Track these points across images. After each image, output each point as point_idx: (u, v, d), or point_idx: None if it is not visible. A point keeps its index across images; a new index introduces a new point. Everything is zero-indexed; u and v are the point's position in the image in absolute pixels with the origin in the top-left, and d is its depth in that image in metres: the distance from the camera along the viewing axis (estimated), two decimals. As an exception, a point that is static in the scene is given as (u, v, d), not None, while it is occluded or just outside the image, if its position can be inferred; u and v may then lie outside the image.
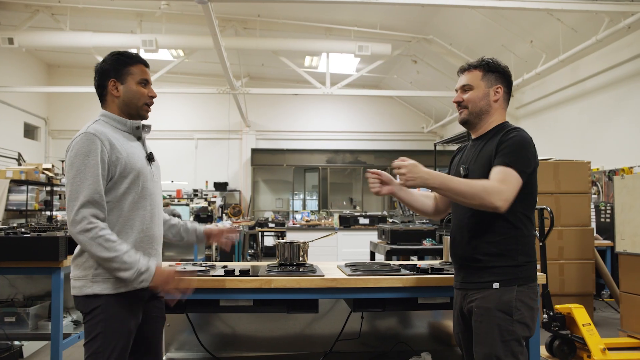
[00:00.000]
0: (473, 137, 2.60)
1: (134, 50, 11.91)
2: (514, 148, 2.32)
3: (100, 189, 2.24)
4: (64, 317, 4.25)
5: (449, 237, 3.56)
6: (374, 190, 2.59)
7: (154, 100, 2.52)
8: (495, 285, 2.33)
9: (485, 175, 2.36)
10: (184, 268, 3.04)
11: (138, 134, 2.47)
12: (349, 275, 2.99)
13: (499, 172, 2.29)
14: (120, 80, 2.42)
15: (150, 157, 2.48)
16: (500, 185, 2.24)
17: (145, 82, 2.47)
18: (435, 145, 9.66)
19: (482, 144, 2.49)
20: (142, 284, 2.25)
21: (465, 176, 2.49)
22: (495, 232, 2.36)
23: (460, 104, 2.54)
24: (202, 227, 2.85)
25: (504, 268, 2.34)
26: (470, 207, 2.32)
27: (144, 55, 11.32)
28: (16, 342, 4.66)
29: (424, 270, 3.14)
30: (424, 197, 2.78)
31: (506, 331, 2.28)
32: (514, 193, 2.26)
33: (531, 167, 2.35)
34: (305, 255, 3.28)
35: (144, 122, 2.51)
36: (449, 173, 2.63)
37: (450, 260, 3.50)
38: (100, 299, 2.26)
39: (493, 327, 2.29)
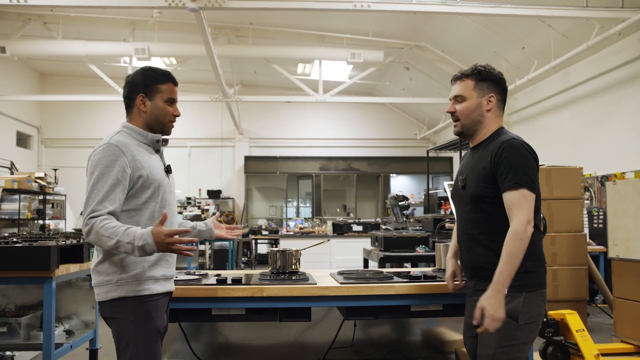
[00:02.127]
0: (470, 145, 2.62)
1: (126, 59, 11.96)
2: (514, 165, 2.33)
3: (115, 198, 2.28)
4: (55, 326, 4.23)
5: (442, 244, 3.59)
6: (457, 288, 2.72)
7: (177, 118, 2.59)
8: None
9: (480, 186, 2.40)
10: (176, 277, 3.04)
11: (157, 147, 2.54)
12: (342, 283, 2.99)
13: (511, 201, 2.31)
14: (149, 97, 2.48)
15: (168, 169, 2.56)
16: (520, 218, 2.27)
17: (172, 101, 2.55)
18: (428, 152, 9.68)
19: (478, 153, 2.50)
20: (152, 252, 2.22)
21: (463, 187, 2.50)
22: (499, 241, 2.35)
23: (453, 115, 2.56)
24: (210, 220, 2.94)
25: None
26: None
27: (136, 63, 11.36)
28: (8, 353, 4.62)
29: (416, 278, 3.14)
30: None
31: (510, 335, 2.30)
32: (531, 211, 2.30)
33: (536, 175, 2.37)
34: (297, 263, 3.27)
35: (163, 136, 2.58)
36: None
37: (442, 267, 3.52)
38: (127, 302, 2.30)
39: (497, 331, 2.29)
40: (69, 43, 10.95)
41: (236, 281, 3.00)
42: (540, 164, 6.62)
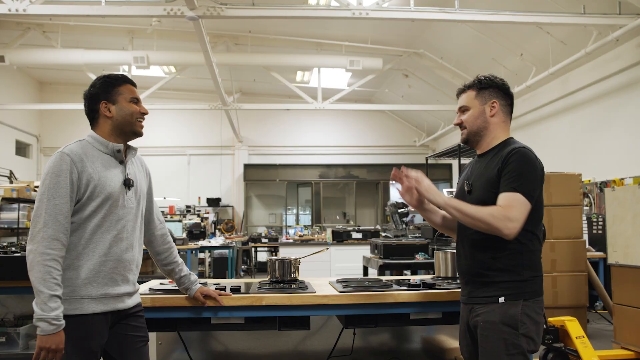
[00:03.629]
0: (478, 153, 2.63)
1: (125, 67, 11.98)
2: (519, 172, 2.33)
3: (66, 210, 2.26)
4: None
5: (441, 251, 3.59)
6: (406, 198, 2.68)
7: (145, 117, 2.54)
8: (501, 299, 2.34)
9: (487, 192, 2.40)
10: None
11: (120, 157, 2.46)
12: (341, 292, 2.98)
13: (504, 198, 2.31)
14: (112, 101, 2.45)
15: (126, 183, 2.44)
16: (506, 211, 2.27)
17: (136, 100, 2.51)
18: (427, 159, 9.69)
19: (486, 160, 2.51)
20: (37, 328, 2.18)
21: (469, 192, 2.51)
22: (499, 247, 2.36)
23: (460, 126, 2.60)
24: (197, 287, 2.83)
25: (509, 283, 2.35)
26: (479, 230, 2.34)
27: (135, 72, 11.38)
28: (6, 363, 4.62)
29: (415, 286, 3.14)
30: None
31: (512, 345, 2.29)
32: (521, 218, 2.29)
33: (538, 188, 2.38)
34: (296, 272, 3.27)
35: (130, 142, 2.53)
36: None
37: (442, 274, 3.52)
38: (67, 319, 2.25)
39: (499, 341, 2.30)
40: (68, 52, 10.99)
41: (235, 290, 2.99)
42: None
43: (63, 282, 2.24)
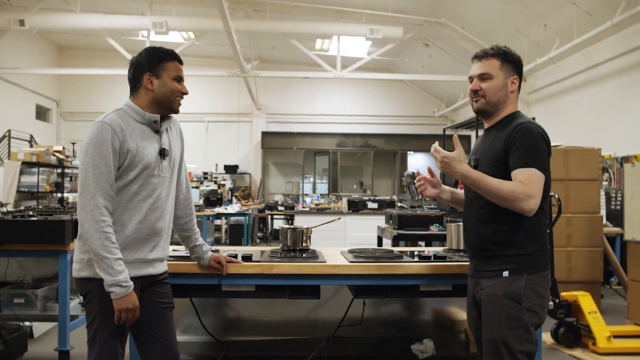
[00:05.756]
0: (485, 126, 2.58)
1: (144, 32, 11.96)
2: (528, 147, 2.30)
3: (112, 179, 2.33)
4: (71, 299, 4.30)
5: (453, 224, 3.57)
6: (420, 190, 2.69)
7: (184, 96, 2.58)
8: (505, 273, 2.33)
9: (493, 166, 2.38)
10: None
11: (156, 127, 2.50)
12: (351, 262, 2.99)
13: (522, 174, 2.29)
14: (156, 75, 2.47)
15: (162, 152, 2.50)
16: (527, 188, 2.25)
17: (179, 79, 2.55)
18: (444, 130, 9.60)
19: (493, 135, 2.47)
20: (111, 294, 2.28)
21: (475, 167, 2.47)
22: (504, 221, 2.35)
23: (477, 93, 2.48)
24: (209, 255, 2.87)
25: (514, 257, 2.34)
26: (508, 207, 2.32)
27: (154, 37, 11.35)
28: (27, 323, 4.72)
29: (426, 258, 3.13)
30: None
31: (514, 318, 2.28)
32: (540, 193, 2.28)
33: (548, 159, 2.36)
34: (308, 241, 3.28)
35: (167, 114, 2.56)
36: None
37: (453, 247, 3.52)
38: (95, 282, 2.33)
39: (501, 314, 2.30)
40: (88, 16, 10.98)
41: (246, 258, 3.01)
42: (558, 144, 6.54)
43: None
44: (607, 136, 9.20)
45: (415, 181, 2.75)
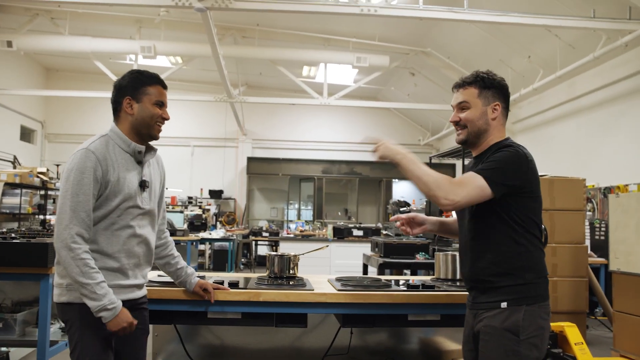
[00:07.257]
0: (473, 154, 2.53)
1: (132, 56, 11.96)
2: (496, 162, 2.27)
3: (89, 208, 2.31)
4: (51, 324, 4.21)
5: (441, 253, 3.56)
6: (405, 233, 2.74)
7: (165, 122, 2.56)
8: (503, 304, 2.26)
9: None
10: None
11: (139, 158, 2.48)
12: (339, 290, 2.96)
13: (463, 176, 2.29)
14: (136, 99, 2.46)
15: (142, 184, 2.48)
16: (453, 185, 2.23)
17: (161, 104, 2.52)
18: (430, 159, 9.66)
19: (480, 162, 2.40)
20: (101, 318, 2.27)
21: None
22: (497, 251, 2.30)
23: (457, 124, 2.46)
24: (196, 280, 2.84)
25: (512, 287, 2.27)
26: (426, 196, 2.33)
27: (142, 61, 11.36)
28: (3, 349, 4.61)
29: (414, 287, 3.11)
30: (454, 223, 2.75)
31: (511, 352, 2.20)
32: (467, 198, 2.22)
33: (509, 181, 2.25)
34: (295, 268, 3.25)
35: (151, 143, 2.55)
36: None
37: (442, 276, 3.50)
38: (74, 307, 2.32)
39: (498, 346, 2.23)
40: (76, 39, 10.96)
41: (233, 285, 2.98)
42: (543, 174, 6.58)
43: None
44: (591, 166, 9.30)
45: (396, 226, 2.75)
